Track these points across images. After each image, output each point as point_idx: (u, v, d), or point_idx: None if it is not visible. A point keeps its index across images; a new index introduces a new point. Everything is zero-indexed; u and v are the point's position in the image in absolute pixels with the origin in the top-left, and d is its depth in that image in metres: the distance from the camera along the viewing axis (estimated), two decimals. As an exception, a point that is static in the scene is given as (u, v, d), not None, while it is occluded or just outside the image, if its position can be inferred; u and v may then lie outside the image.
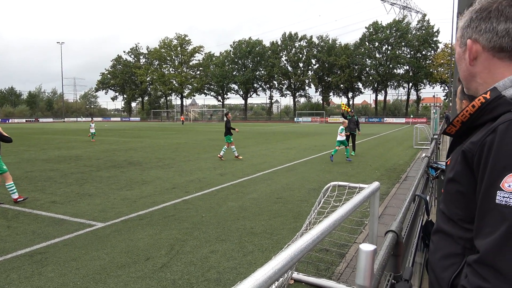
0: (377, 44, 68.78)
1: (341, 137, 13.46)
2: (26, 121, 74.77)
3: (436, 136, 7.06)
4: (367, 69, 70.17)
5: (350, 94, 76.00)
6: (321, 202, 3.76)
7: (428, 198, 3.65)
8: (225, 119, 14.96)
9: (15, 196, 7.34)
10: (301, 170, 11.25)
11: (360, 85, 73.98)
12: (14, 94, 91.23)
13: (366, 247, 0.99)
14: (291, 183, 9.26)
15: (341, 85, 72.94)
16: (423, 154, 4.18)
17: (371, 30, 68.45)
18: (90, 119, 35.72)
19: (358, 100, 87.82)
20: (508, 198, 0.75)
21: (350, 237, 5.32)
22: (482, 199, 0.81)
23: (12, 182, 7.35)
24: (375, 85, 70.75)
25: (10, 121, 72.98)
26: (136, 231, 5.60)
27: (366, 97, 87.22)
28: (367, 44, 69.19)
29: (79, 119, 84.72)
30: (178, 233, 5.49)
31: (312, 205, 6.95)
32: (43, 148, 18.26)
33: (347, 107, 17.27)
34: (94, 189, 8.63)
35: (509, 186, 0.75)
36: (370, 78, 69.75)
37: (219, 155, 13.86)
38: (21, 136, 28.27)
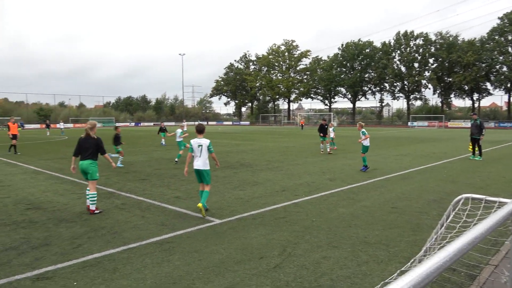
0: (510, 37, 59.56)
1: None
2: (153, 124, 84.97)
3: None
4: (497, 66, 61.26)
5: (475, 96, 67.44)
6: (451, 216, 3.38)
7: None
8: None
9: (92, 207, 6.93)
10: (418, 179, 10.36)
11: (488, 85, 65.03)
12: (145, 101, 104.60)
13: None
14: (407, 193, 8.59)
15: (465, 86, 65.22)
16: None
17: (505, 21, 59.49)
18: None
19: (485, 102, 77.48)
20: None
21: (482, 258, 4.67)
22: None
23: (96, 193, 7.04)
24: (508, 85, 61.35)
25: (141, 124, 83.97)
26: (250, 230, 5.84)
27: (496, 98, 76.07)
28: (498, 37, 60.45)
29: (196, 122, 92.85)
30: (289, 236, 5.56)
31: (433, 218, 6.34)
32: (167, 149, 20.48)
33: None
34: (211, 187, 9.30)
35: None
36: (502, 77, 60.70)
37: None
38: (150, 138, 32.16)
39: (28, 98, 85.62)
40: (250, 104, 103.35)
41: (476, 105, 68.29)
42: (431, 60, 70.00)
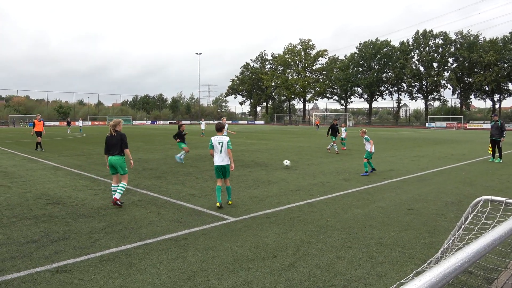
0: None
1: None
2: (169, 123, 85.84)
3: None
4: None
5: (496, 97, 65.77)
6: (469, 218, 3.32)
7: None
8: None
9: (118, 196, 7.19)
10: (436, 181, 10.19)
11: (510, 85, 63.37)
12: (161, 100, 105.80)
13: None
14: (424, 194, 8.46)
15: (485, 86, 63.68)
16: None
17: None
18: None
19: (507, 103, 75.53)
20: None
21: (500, 261, 4.57)
22: None
23: (126, 184, 7.36)
24: (532, 86, 59.68)
25: (157, 122, 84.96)
26: (264, 229, 5.86)
27: (518, 99, 74.23)
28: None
29: (212, 121, 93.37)
30: (303, 235, 5.55)
31: (450, 220, 6.23)
32: (183, 147, 20.65)
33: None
34: (226, 186, 9.36)
35: None
36: (525, 77, 59.07)
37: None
38: (166, 136, 32.51)
39: (49, 96, 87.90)
40: (265, 103, 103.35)
41: (497, 106, 66.64)
42: (450, 60, 68.68)
